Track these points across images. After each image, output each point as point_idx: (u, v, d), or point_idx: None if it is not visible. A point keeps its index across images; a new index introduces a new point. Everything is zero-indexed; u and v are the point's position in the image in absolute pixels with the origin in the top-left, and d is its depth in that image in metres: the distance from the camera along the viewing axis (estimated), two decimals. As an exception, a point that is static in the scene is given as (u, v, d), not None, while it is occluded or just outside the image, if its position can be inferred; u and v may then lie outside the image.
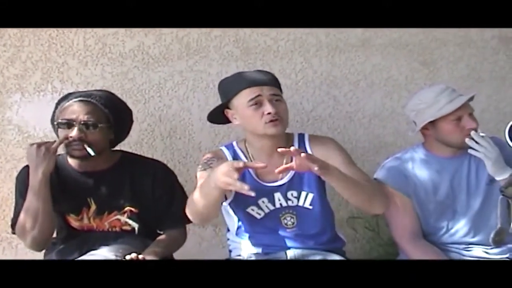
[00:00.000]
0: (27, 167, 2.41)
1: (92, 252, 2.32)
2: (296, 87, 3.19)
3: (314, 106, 3.22)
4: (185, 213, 2.27)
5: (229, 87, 2.36)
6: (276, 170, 2.01)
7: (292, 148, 1.95)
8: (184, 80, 3.06)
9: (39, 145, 2.32)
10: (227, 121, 2.44)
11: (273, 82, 2.38)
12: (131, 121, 2.58)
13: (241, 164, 1.92)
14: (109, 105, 2.40)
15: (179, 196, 2.49)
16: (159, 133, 3.06)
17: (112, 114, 2.40)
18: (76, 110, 2.34)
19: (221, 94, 2.42)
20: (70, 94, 2.47)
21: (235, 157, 2.40)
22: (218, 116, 2.44)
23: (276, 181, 2.35)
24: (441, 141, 2.45)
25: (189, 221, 2.35)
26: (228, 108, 2.38)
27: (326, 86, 3.22)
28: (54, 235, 2.47)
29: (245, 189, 1.90)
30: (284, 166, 2.03)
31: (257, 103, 2.27)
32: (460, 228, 2.44)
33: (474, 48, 3.37)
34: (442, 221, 2.46)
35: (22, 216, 2.35)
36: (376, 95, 3.28)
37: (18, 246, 2.88)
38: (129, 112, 2.56)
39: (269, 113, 2.25)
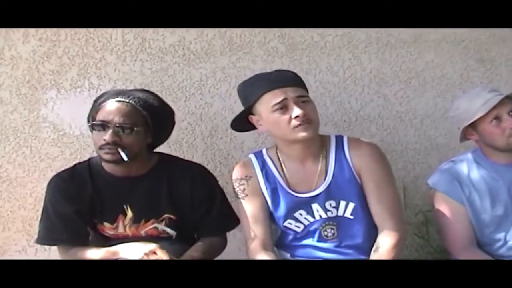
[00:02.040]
0: (57, 175, 2.40)
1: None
2: (344, 85, 3.11)
3: (363, 106, 3.14)
4: (225, 219, 2.37)
5: (250, 91, 2.29)
6: None
7: None
8: (227, 77, 3.00)
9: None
10: (252, 127, 2.38)
11: (297, 82, 2.30)
12: (173, 123, 2.50)
13: None
14: (148, 106, 2.31)
15: (220, 201, 2.43)
16: (199, 133, 3.01)
17: (150, 116, 2.31)
18: (112, 111, 2.26)
19: (241, 99, 2.37)
20: (108, 92, 2.41)
21: (263, 167, 2.34)
22: (243, 123, 2.37)
23: (311, 190, 2.29)
24: (489, 145, 2.39)
25: (229, 228, 2.43)
26: (252, 113, 2.31)
27: (376, 84, 3.14)
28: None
29: None
30: None
31: (282, 107, 2.19)
32: (521, 240, 2.36)
33: (536, 45, 3.26)
34: (499, 232, 2.38)
35: (64, 253, 2.38)
36: (428, 94, 3.19)
37: (52, 248, 2.81)
38: (170, 113, 2.48)
39: (297, 117, 2.17)
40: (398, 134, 3.19)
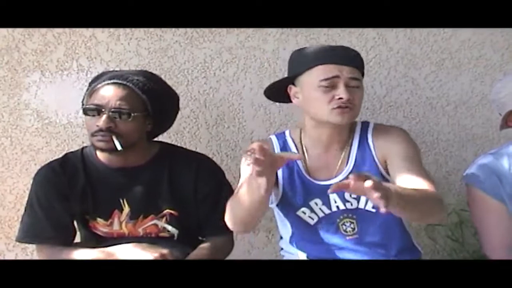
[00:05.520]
0: (47, 165, 2.32)
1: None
2: (367, 68, 2.80)
3: (388, 91, 3.00)
4: None
5: (302, 60, 2.22)
6: (329, 191, 1.76)
7: (347, 181, 1.72)
8: (234, 59, 2.88)
9: None
10: (286, 98, 2.29)
11: (356, 62, 2.21)
12: (176, 109, 2.44)
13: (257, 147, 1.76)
14: (147, 90, 2.25)
15: (226, 196, 2.31)
16: (204, 121, 2.90)
17: (150, 101, 2.25)
18: (107, 94, 2.19)
19: (290, 66, 2.30)
20: (104, 73, 2.34)
21: (284, 148, 2.29)
22: (278, 92, 2.30)
23: (331, 178, 2.20)
24: None
25: None
26: (293, 84, 2.24)
27: (403, 67, 2.99)
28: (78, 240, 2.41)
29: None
30: (340, 183, 1.76)
31: (331, 84, 2.10)
32: None
33: None
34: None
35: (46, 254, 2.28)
36: (463, 78, 3.02)
37: (34, 253, 2.71)
38: (174, 98, 2.42)
39: (340, 98, 2.09)
40: (428, 123, 3.06)
